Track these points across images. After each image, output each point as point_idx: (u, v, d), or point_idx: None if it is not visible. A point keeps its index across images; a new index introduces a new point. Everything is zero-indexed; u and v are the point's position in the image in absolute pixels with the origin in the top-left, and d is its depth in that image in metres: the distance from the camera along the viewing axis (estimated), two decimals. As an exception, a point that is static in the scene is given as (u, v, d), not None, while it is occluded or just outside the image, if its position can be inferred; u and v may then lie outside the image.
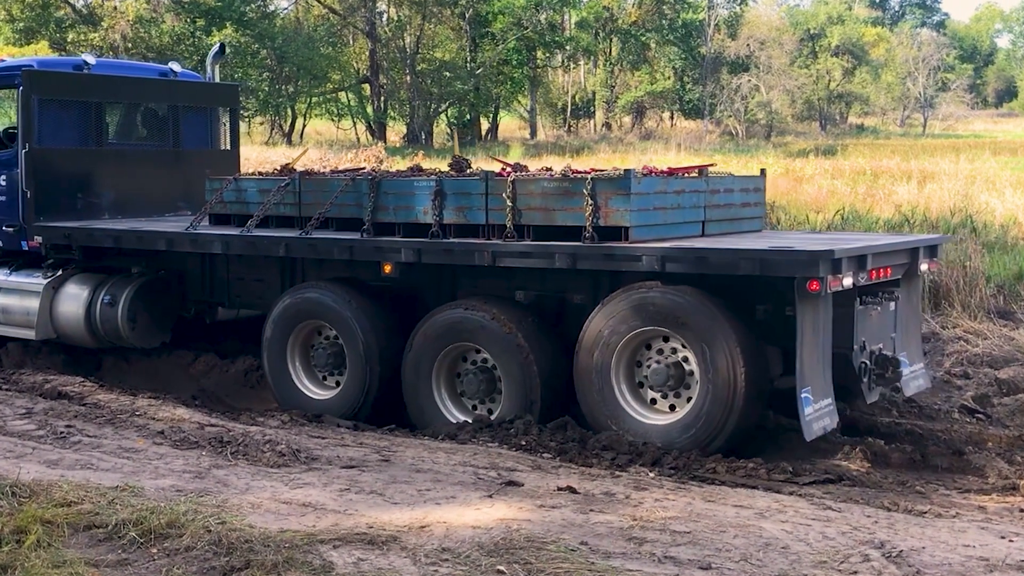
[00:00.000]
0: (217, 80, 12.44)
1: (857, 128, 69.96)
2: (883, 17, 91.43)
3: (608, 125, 65.45)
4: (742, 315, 7.35)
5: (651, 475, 6.86)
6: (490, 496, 6.08)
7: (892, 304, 8.05)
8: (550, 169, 8.75)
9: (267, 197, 9.17)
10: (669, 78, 66.59)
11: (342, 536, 5.31)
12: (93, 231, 10.25)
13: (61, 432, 7.63)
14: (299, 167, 10.11)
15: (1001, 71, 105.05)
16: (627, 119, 67.86)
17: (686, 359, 7.42)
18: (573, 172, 7.98)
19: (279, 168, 10.08)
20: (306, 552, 5.07)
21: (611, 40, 65.98)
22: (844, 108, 74.07)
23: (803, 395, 7.04)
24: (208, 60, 12.43)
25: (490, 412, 8.19)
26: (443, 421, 8.19)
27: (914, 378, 8.43)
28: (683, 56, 66.30)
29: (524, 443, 7.53)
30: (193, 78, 12.37)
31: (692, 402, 7.38)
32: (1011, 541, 5.44)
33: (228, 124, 12.26)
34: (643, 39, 64.83)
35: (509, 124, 67.54)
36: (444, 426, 8.13)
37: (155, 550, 5.17)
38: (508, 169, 8.33)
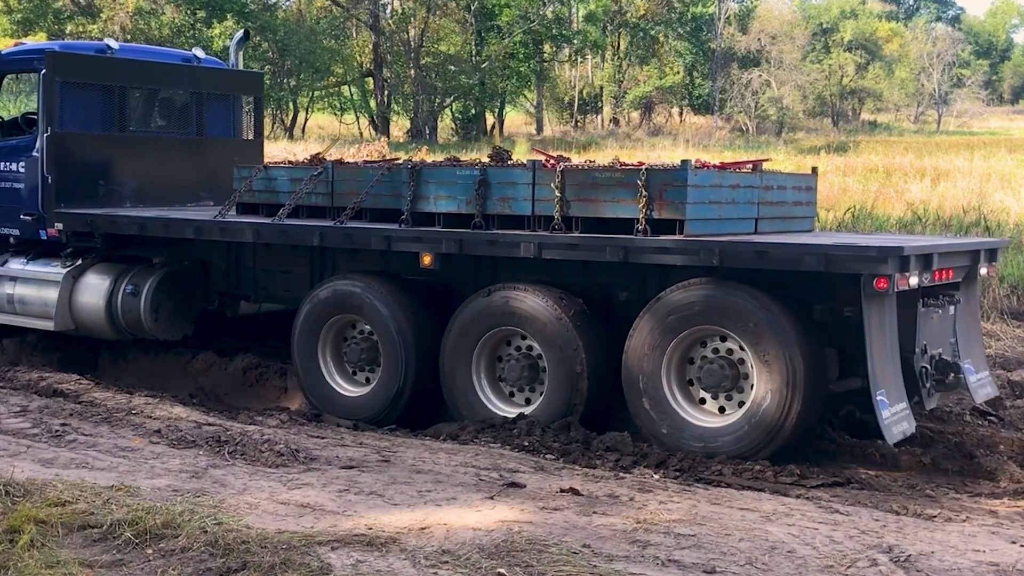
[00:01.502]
0: (241, 67, 12.39)
1: (870, 125, 69.86)
2: (897, 12, 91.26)
3: (616, 121, 65.42)
4: (799, 315, 7.22)
5: (656, 477, 6.87)
6: (491, 497, 6.09)
7: (952, 308, 7.95)
8: (592, 161, 8.71)
9: (299, 186, 9.09)
10: (678, 73, 66.57)
11: (341, 537, 5.31)
12: (117, 218, 10.17)
13: (56, 430, 7.64)
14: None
15: (1017, 67, 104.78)
16: (635, 115, 67.83)
17: (741, 360, 7.32)
18: (621, 164, 7.92)
19: (309, 158, 10.03)
20: (304, 554, 5.08)
21: (619, 34, 65.93)
22: (857, 104, 73.96)
23: (879, 397, 6.94)
24: (231, 47, 12.36)
25: (528, 402, 8.10)
26: (485, 414, 8.09)
27: (982, 385, 8.32)
28: (693, 50, 66.27)
29: (527, 444, 7.54)
30: (217, 65, 12.28)
31: (747, 404, 7.25)
32: (1022, 546, 5.44)
33: (252, 113, 12.20)
34: (652, 33, 64.78)
35: (515, 119, 67.53)
36: (447, 425, 8.12)
37: (150, 551, 5.18)
38: (552, 160, 8.24)
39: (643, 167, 7.61)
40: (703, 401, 7.51)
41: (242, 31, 12.88)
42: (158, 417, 8.07)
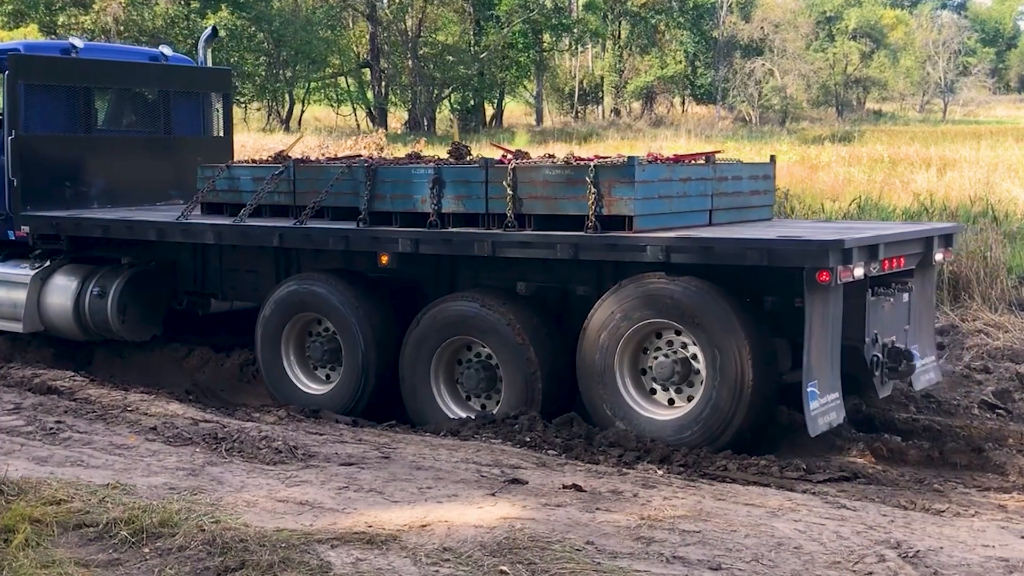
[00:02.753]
0: (210, 64, 12.41)
1: (875, 114, 69.83)
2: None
3: (617, 111, 65.41)
4: (750, 307, 7.34)
5: (660, 473, 6.86)
6: (493, 494, 6.09)
7: (905, 295, 8.03)
8: (552, 156, 8.73)
9: (261, 186, 9.16)
10: (680, 62, 66.52)
11: (340, 535, 5.31)
12: (81, 221, 10.24)
13: (51, 428, 7.64)
14: (296, 154, 10.09)
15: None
16: (636, 105, 67.82)
17: (693, 353, 7.41)
18: (576, 159, 7.96)
19: (274, 156, 10.06)
20: (303, 552, 5.07)
21: (620, 23, 65.89)
22: (861, 93, 73.93)
23: (809, 389, 7.03)
24: (200, 43, 12.40)
25: (484, 407, 8.19)
26: (441, 417, 8.20)
27: (924, 371, 8.39)
28: (695, 39, 66.22)
29: (529, 440, 7.53)
30: (184, 62, 12.34)
31: (699, 396, 7.37)
32: (1032, 541, 5.44)
33: (221, 110, 12.23)
34: (653, 22, 64.73)
35: (515, 110, 67.52)
36: (444, 422, 8.14)
37: (147, 550, 5.18)
38: (509, 156, 8.31)
39: (591, 164, 7.66)
40: (654, 393, 7.61)
41: (211, 27, 12.91)
42: (154, 414, 8.06)
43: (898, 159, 28.38)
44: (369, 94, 57.25)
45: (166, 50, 11.90)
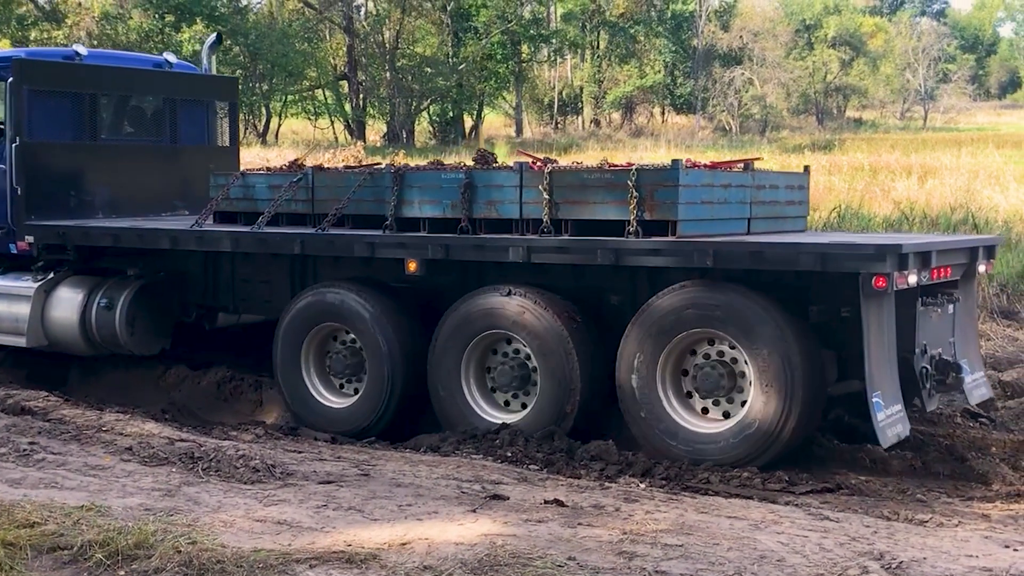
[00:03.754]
0: (214, 72, 12.31)
1: (855, 122, 70.22)
2: (881, 6, 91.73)
3: (596, 122, 65.55)
4: (796, 316, 7.22)
5: (642, 486, 6.87)
6: (474, 511, 6.08)
7: (951, 307, 7.95)
8: (580, 162, 8.69)
9: (278, 193, 9.05)
10: (659, 72, 66.74)
11: (319, 555, 5.29)
12: (90, 230, 10.11)
13: (24, 449, 7.58)
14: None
15: (1004, 61, 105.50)
16: (616, 115, 67.97)
17: (735, 360, 7.31)
18: (610, 165, 7.93)
19: (288, 164, 10.00)
20: (281, 572, 5.06)
21: (598, 33, 66.08)
22: (841, 101, 74.32)
23: (874, 399, 6.94)
24: (204, 50, 12.29)
25: (524, 406, 8.07)
26: (476, 422, 8.07)
27: (977, 386, 8.34)
28: (673, 49, 66.45)
29: (510, 455, 7.53)
30: (190, 70, 12.22)
31: (744, 409, 7.24)
32: (1016, 551, 5.46)
33: (227, 119, 12.14)
34: (631, 32, 64.96)
35: (494, 121, 67.57)
36: (428, 437, 8.11)
37: (123, 572, 5.15)
38: (538, 162, 8.24)
39: (633, 167, 7.60)
40: (700, 407, 7.49)
41: (215, 34, 12.83)
42: (129, 434, 8.02)
43: (879, 167, 28.57)
44: (347, 107, 57.19)
45: (171, 57, 11.81)
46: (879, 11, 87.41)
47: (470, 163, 8.68)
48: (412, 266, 8.37)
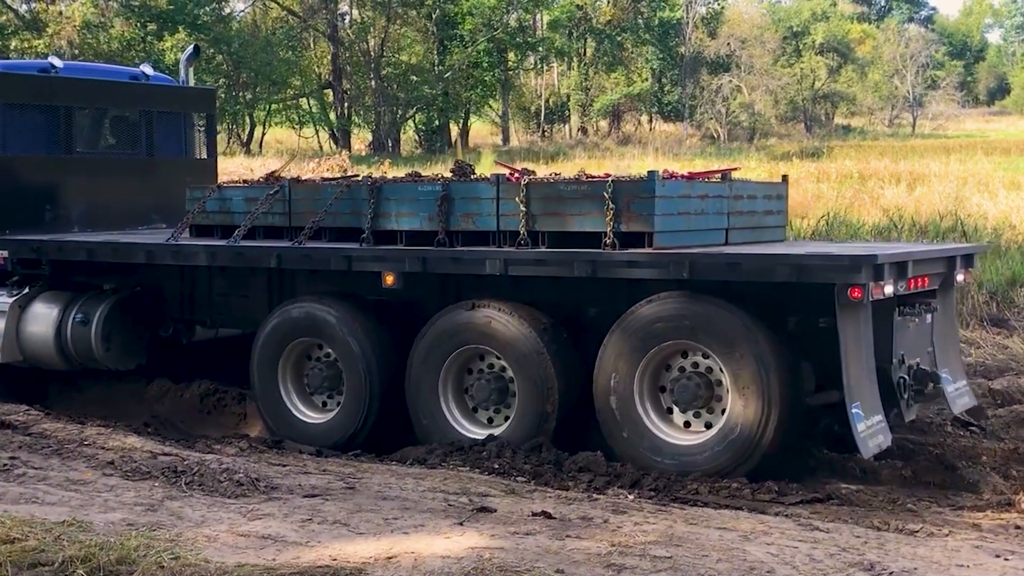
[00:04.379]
0: (191, 83, 12.30)
1: (843, 129, 70.48)
2: (869, 13, 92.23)
3: (584, 130, 65.67)
4: (774, 327, 7.25)
5: (630, 498, 6.87)
6: (461, 523, 6.07)
7: (929, 316, 8.00)
8: (558, 173, 8.72)
9: (254, 206, 9.04)
10: (647, 79, 66.91)
11: (304, 569, 5.27)
12: (65, 244, 10.09)
13: (4, 464, 7.53)
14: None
15: (992, 67, 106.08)
16: (603, 123, 68.10)
17: (713, 373, 7.33)
18: (587, 176, 7.95)
19: (264, 176, 9.99)
20: (265, 587, 5.04)
21: (585, 40, 66.24)
22: (830, 108, 74.58)
23: (853, 410, 6.96)
24: (182, 62, 12.29)
25: (506, 419, 8.06)
26: (453, 436, 8.08)
27: (959, 395, 8.38)
28: (661, 56, 66.64)
29: (497, 466, 7.52)
30: (166, 82, 12.21)
31: (723, 421, 7.26)
32: (1006, 560, 5.48)
33: (204, 131, 12.12)
34: (618, 39, 65.12)
35: (480, 130, 67.64)
36: (414, 449, 8.10)
37: (104, 588, 5.12)
38: (516, 174, 8.25)
39: (609, 179, 7.63)
40: (675, 417, 7.53)
41: (192, 46, 12.83)
42: (111, 448, 7.98)
43: (867, 174, 28.69)
44: (332, 115, 57.21)
45: (148, 69, 11.78)
46: (867, 18, 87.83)
47: (450, 174, 8.68)
48: (389, 279, 8.38)
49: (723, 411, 7.32)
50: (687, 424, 7.51)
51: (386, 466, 7.75)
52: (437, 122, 60.01)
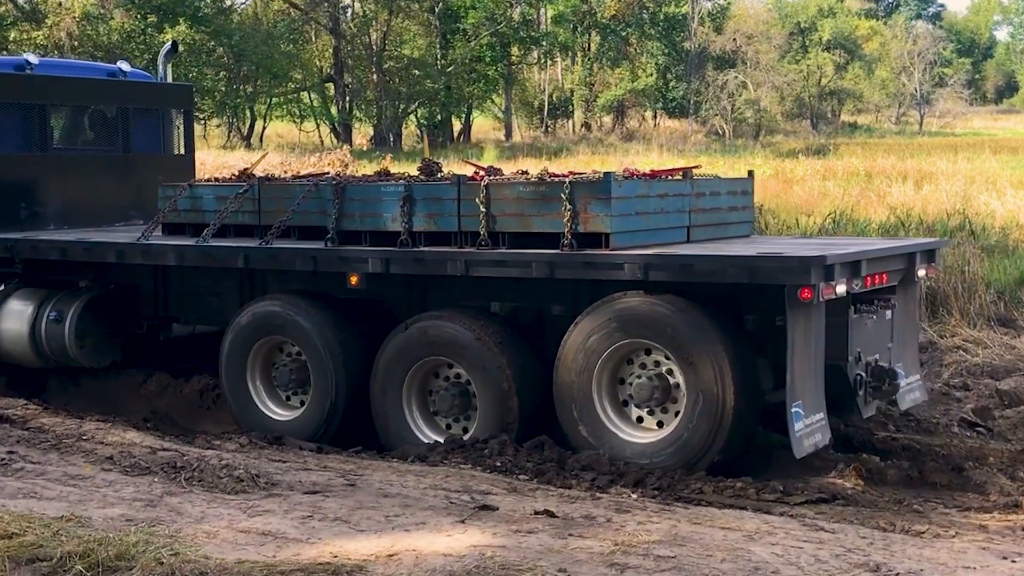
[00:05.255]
0: (169, 80, 12.37)
1: (850, 127, 70.49)
2: (876, 9, 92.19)
3: (587, 125, 65.68)
4: (730, 326, 7.36)
5: (633, 496, 6.86)
6: (463, 521, 6.07)
7: (888, 312, 8.06)
8: (526, 172, 8.75)
9: (224, 205, 9.12)
10: (651, 75, 66.90)
11: (304, 567, 5.28)
12: (38, 243, 10.16)
13: (2, 459, 7.55)
14: (259, 172, 10.05)
15: (1000, 65, 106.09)
16: (607, 119, 68.10)
17: (671, 372, 7.43)
18: (550, 176, 7.98)
19: (237, 174, 10.03)
20: (265, 584, 5.04)
21: (589, 35, 66.23)
22: (836, 105, 74.61)
23: (793, 409, 7.06)
24: (160, 59, 12.36)
25: (464, 431, 8.16)
26: (414, 441, 8.17)
27: (910, 391, 8.46)
28: (666, 51, 66.65)
29: (499, 464, 7.52)
30: (143, 78, 12.30)
31: (679, 418, 7.38)
32: (1013, 562, 5.47)
33: (182, 127, 12.17)
34: (623, 34, 65.10)
35: (483, 125, 67.66)
36: (414, 447, 8.12)
37: (103, 584, 5.13)
38: (481, 173, 8.31)
39: (567, 179, 7.69)
40: (635, 415, 7.60)
41: (171, 42, 12.90)
42: (110, 443, 8.00)
43: (874, 172, 28.67)
44: (333, 109, 57.22)
45: (124, 66, 11.84)
46: (874, 14, 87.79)
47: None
48: (353, 280, 8.47)
49: (676, 413, 7.40)
50: (640, 420, 7.59)
51: (387, 463, 7.75)
52: (439, 117, 60.01)
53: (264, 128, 60.01)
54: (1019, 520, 6.60)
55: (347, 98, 56.36)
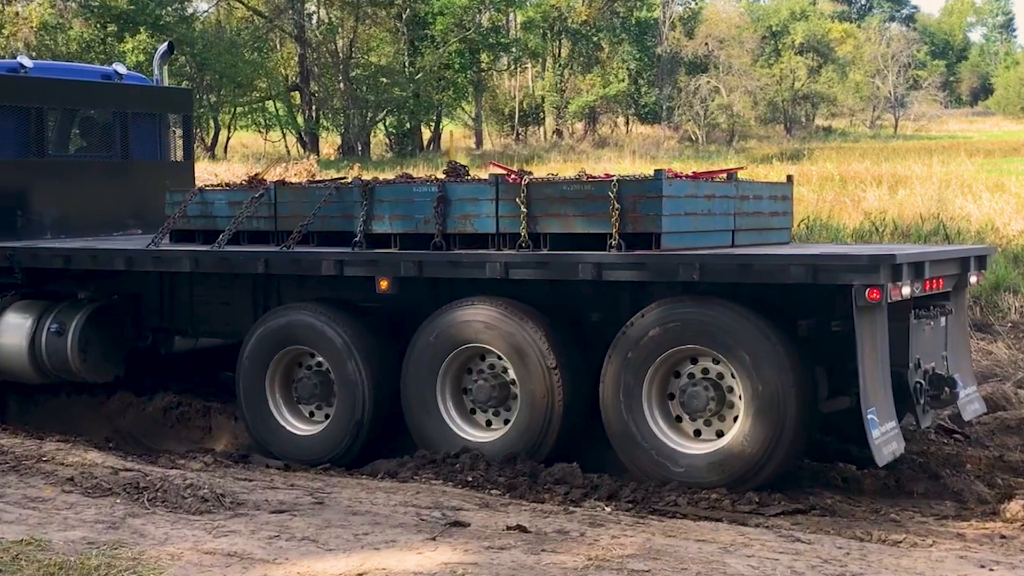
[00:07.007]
0: (166, 83, 12.17)
1: (824, 131, 70.89)
2: (849, 12, 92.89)
3: (559, 132, 65.77)
4: (785, 331, 7.19)
5: (607, 510, 6.88)
6: (433, 538, 6.07)
7: (943, 319, 7.97)
8: (555, 174, 8.70)
9: (239, 210, 8.93)
10: (623, 80, 67.08)
11: (271, 588, 5.26)
12: (39, 251, 9.96)
13: (-41, 482, 7.50)
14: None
15: (975, 67, 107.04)
16: (579, 126, 68.25)
17: (721, 375, 7.27)
18: (588, 176, 7.94)
19: (248, 179, 9.88)
20: (231, 606, 5.02)
21: (560, 41, 66.38)
22: (810, 109, 75.03)
23: (869, 416, 6.90)
24: (156, 60, 12.19)
25: (506, 423, 7.99)
26: (456, 441, 8.00)
27: (970, 401, 8.36)
28: (637, 57, 66.85)
29: (471, 479, 7.53)
30: (141, 81, 12.11)
31: (734, 429, 7.20)
32: (991, 570, 5.52)
33: (181, 132, 12.02)
34: (594, 39, 65.29)
35: (453, 132, 67.66)
36: (386, 461, 8.07)
37: (64, 610, 5.10)
38: (513, 175, 8.16)
39: (614, 178, 7.59)
40: (682, 423, 7.45)
41: (167, 43, 12.68)
42: (71, 464, 7.93)
43: (848, 177, 28.84)
44: (299, 118, 57.05)
45: (120, 68, 11.66)
46: (847, 17, 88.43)
47: (438, 176, 8.64)
48: (384, 284, 8.25)
49: (735, 418, 7.26)
50: (697, 432, 7.44)
51: (356, 480, 7.73)
52: (408, 125, 59.96)
53: (228, 138, 59.73)
54: (997, 528, 6.66)
55: (313, 107, 56.24)
